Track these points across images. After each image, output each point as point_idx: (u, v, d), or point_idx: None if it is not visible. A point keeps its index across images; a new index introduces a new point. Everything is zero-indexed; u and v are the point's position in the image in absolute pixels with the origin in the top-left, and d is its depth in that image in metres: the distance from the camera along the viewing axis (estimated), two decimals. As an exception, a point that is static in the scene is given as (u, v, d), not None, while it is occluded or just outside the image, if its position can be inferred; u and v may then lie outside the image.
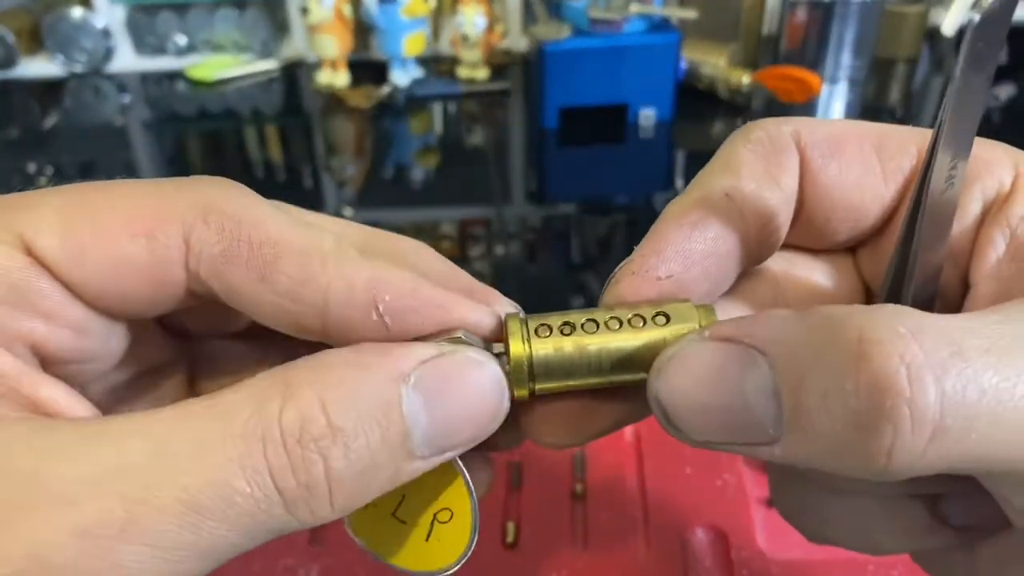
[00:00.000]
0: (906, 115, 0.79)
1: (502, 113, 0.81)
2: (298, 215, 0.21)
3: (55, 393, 0.18)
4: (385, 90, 0.81)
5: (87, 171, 0.74)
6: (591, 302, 0.54)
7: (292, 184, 0.70)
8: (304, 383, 0.16)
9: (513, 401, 0.19)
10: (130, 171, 0.73)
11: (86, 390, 0.20)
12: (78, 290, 0.18)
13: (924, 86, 0.83)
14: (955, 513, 0.21)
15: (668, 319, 0.19)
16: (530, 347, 0.18)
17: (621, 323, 0.19)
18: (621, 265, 0.20)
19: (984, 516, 0.20)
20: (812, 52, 0.79)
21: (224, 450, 0.16)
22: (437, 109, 0.82)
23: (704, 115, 0.77)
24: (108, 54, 0.88)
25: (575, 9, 0.70)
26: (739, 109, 0.77)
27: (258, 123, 0.81)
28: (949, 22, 0.88)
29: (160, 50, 0.89)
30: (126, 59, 0.89)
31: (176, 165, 0.75)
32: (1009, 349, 0.16)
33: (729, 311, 0.21)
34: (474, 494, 0.20)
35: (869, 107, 0.79)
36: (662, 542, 0.34)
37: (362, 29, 0.85)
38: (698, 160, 0.77)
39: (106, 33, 0.86)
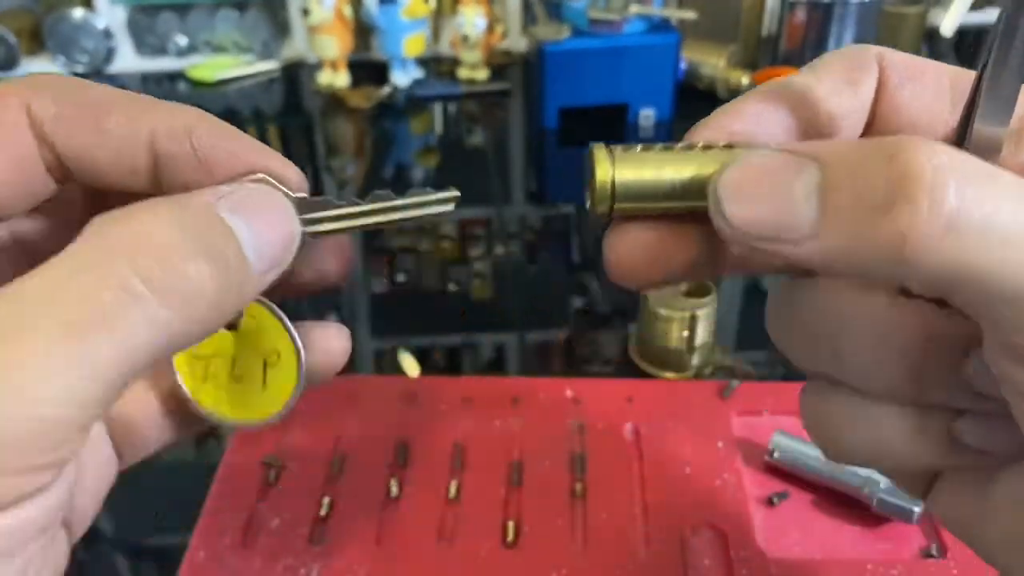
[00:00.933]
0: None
1: (502, 113, 0.81)
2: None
3: None
4: (385, 91, 0.81)
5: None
6: (591, 301, 0.55)
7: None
8: (138, 209, 0.19)
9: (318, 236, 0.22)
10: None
11: None
12: None
13: (923, 86, 0.84)
14: (972, 431, 0.21)
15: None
16: (613, 168, 0.20)
17: (694, 150, 0.21)
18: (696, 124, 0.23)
19: (1001, 440, 0.21)
20: (811, 53, 0.79)
21: (92, 274, 0.17)
22: (437, 109, 0.82)
23: (703, 115, 0.77)
24: (109, 55, 0.88)
25: (575, 10, 0.71)
26: (738, 109, 0.78)
27: (259, 123, 0.81)
28: (948, 23, 0.88)
29: (161, 51, 0.89)
30: (127, 60, 0.89)
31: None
32: None
33: None
34: (290, 326, 0.22)
35: (868, 107, 0.79)
36: (661, 541, 0.34)
37: (362, 30, 0.85)
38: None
39: (107, 34, 0.87)
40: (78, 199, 0.23)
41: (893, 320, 0.20)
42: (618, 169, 0.20)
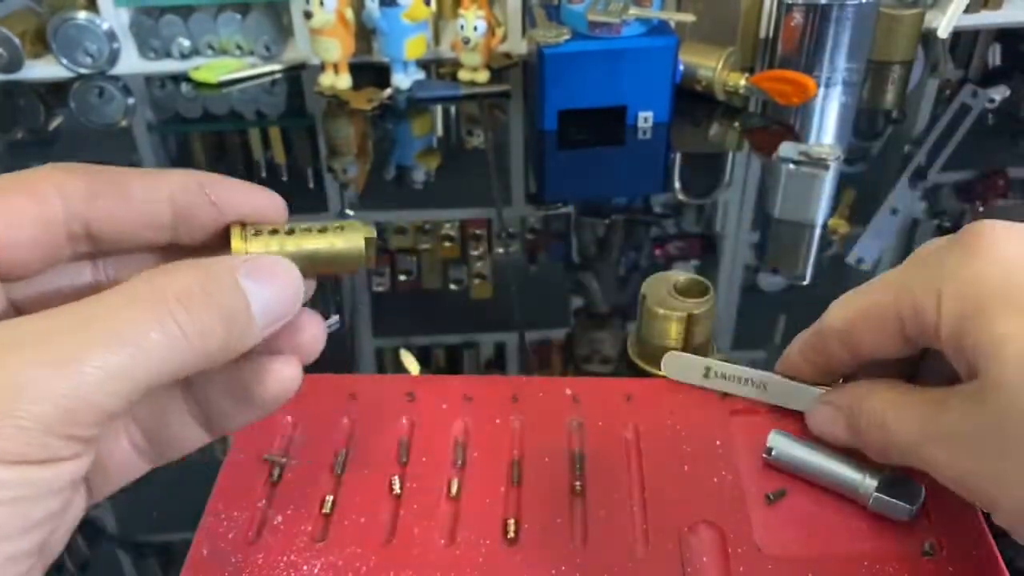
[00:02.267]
0: (901, 117, 0.79)
1: (502, 115, 0.81)
2: None
3: None
4: (387, 93, 0.82)
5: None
6: (591, 301, 0.55)
7: (295, 185, 0.71)
8: (174, 269, 0.24)
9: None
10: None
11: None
12: None
13: (919, 88, 0.84)
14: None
15: (343, 229, 0.28)
16: (246, 246, 0.27)
17: (311, 230, 0.28)
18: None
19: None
20: (808, 55, 0.80)
21: (136, 311, 0.22)
22: (438, 111, 0.82)
23: (702, 117, 0.78)
24: (113, 57, 0.88)
25: (574, 13, 0.71)
26: (736, 111, 0.78)
27: (261, 125, 0.81)
28: (944, 25, 0.89)
29: (164, 53, 0.89)
30: (131, 62, 0.89)
31: (180, 166, 0.75)
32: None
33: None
34: None
35: (864, 109, 0.80)
36: (660, 539, 0.35)
37: (364, 32, 0.86)
38: (696, 161, 0.78)
39: (111, 36, 0.87)
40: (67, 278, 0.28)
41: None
42: (250, 245, 0.27)
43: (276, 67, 0.89)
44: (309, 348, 0.29)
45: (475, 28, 0.80)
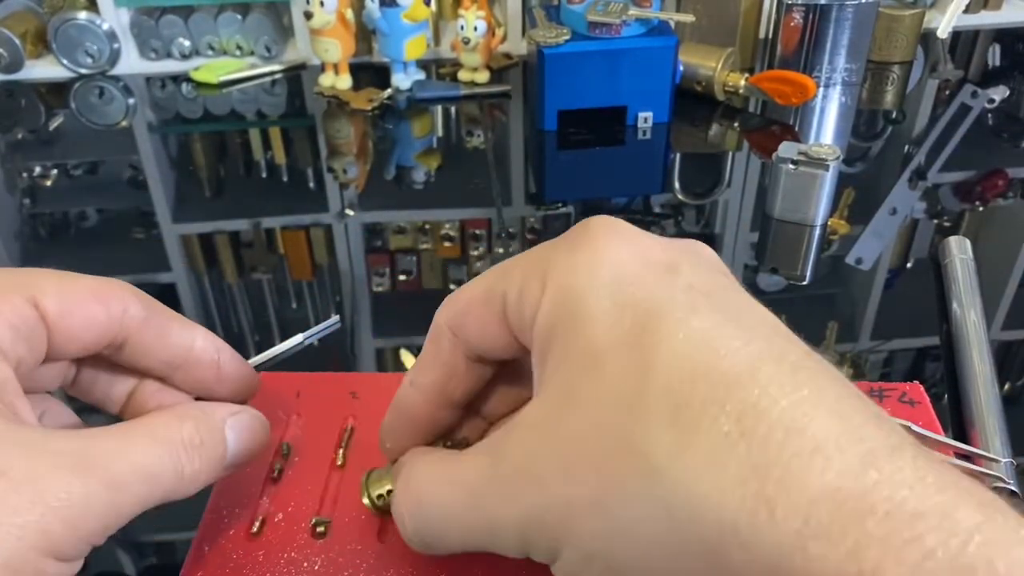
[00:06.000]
0: (900, 117, 0.79)
1: (502, 115, 0.82)
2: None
3: (22, 404, 0.28)
4: (387, 93, 0.82)
5: (93, 172, 0.75)
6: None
7: (295, 186, 0.71)
8: (184, 416, 0.30)
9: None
10: (136, 172, 0.74)
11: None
12: (56, 336, 0.29)
13: (919, 88, 0.84)
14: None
15: None
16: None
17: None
18: None
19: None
20: (808, 55, 0.80)
21: (151, 453, 0.28)
22: (438, 111, 0.82)
23: (701, 118, 0.78)
24: (113, 57, 0.88)
25: (574, 13, 0.71)
26: (736, 112, 0.78)
27: (261, 125, 0.82)
28: (944, 25, 0.89)
29: (164, 53, 0.90)
30: (131, 62, 0.90)
31: (181, 167, 0.76)
32: None
33: None
34: None
35: (863, 109, 0.80)
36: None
37: (364, 32, 0.86)
38: (695, 162, 0.78)
39: (111, 36, 0.87)
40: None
41: None
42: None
43: (276, 67, 0.89)
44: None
45: (475, 28, 0.81)
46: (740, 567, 0.19)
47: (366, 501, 0.34)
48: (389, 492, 0.33)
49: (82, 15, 0.86)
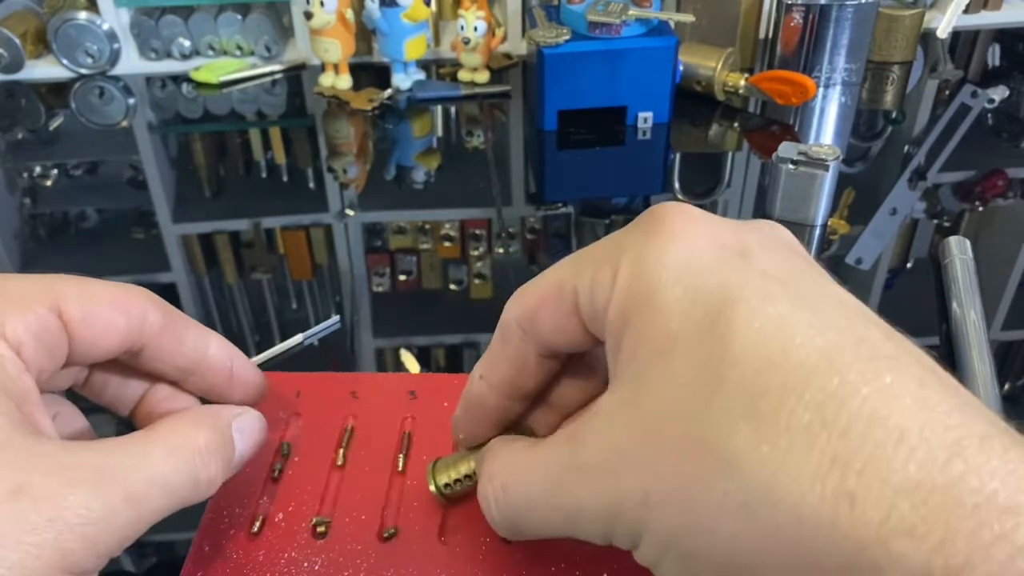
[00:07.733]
0: (900, 117, 0.79)
1: (502, 115, 0.82)
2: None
3: (41, 414, 0.28)
4: (387, 93, 0.82)
5: (93, 172, 0.75)
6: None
7: (295, 186, 0.71)
8: (197, 421, 0.31)
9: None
10: (136, 172, 0.74)
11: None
12: (76, 343, 0.29)
13: (918, 88, 0.84)
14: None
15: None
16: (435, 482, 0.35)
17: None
18: None
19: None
20: (808, 55, 0.80)
21: (169, 463, 0.28)
22: (438, 111, 0.82)
23: (701, 118, 0.78)
24: (113, 57, 0.88)
25: (574, 13, 0.71)
26: (736, 112, 0.78)
27: (262, 125, 0.82)
28: (944, 25, 0.89)
29: (164, 53, 0.90)
30: (131, 62, 0.90)
31: (181, 167, 0.76)
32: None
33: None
34: None
35: (863, 109, 0.80)
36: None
37: (364, 33, 0.86)
38: (695, 162, 0.78)
39: (111, 36, 0.87)
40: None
41: None
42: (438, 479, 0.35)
43: (276, 67, 0.89)
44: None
45: (475, 28, 0.81)
46: (820, 562, 0.19)
47: (433, 489, 0.34)
48: (456, 481, 0.34)
49: (82, 15, 0.86)
